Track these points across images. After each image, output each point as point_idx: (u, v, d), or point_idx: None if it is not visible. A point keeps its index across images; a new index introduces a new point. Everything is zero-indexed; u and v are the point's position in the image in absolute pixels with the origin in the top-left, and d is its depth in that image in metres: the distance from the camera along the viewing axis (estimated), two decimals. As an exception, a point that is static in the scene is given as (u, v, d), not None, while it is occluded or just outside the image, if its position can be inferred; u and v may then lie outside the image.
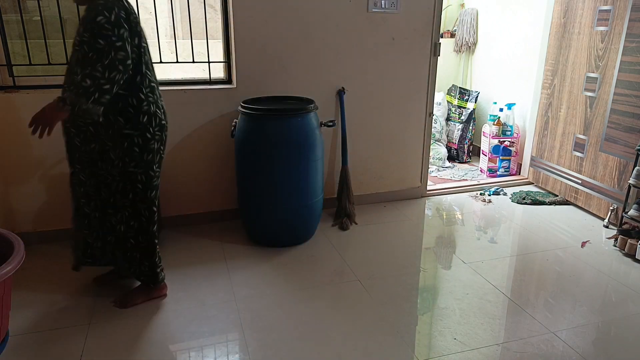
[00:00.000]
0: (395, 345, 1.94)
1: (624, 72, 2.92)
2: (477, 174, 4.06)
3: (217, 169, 2.97)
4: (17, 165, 2.61)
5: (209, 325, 2.05)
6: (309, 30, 2.91)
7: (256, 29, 2.81)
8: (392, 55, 3.14)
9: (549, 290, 2.37)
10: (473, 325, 2.07)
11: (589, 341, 1.98)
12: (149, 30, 3.27)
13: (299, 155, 2.60)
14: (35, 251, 2.65)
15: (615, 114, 3.00)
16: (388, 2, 3.01)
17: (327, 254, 2.68)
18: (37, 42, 2.60)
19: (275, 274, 2.46)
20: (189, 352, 1.90)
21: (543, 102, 3.65)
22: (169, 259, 2.60)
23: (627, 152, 2.93)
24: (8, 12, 2.53)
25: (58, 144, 2.44)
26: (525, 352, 1.90)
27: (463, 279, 2.44)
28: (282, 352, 1.89)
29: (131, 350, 1.89)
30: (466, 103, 4.39)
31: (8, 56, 2.54)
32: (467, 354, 1.89)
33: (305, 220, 2.77)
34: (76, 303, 2.19)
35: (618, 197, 3.00)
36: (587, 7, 3.17)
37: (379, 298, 2.26)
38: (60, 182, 2.68)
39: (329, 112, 3.09)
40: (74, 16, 2.60)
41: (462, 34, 4.53)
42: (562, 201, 3.47)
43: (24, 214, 2.69)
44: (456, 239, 2.91)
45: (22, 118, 2.55)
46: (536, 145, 3.75)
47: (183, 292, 2.29)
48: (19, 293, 2.28)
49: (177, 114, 2.80)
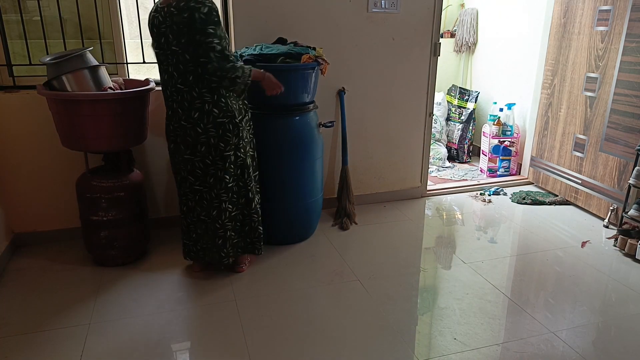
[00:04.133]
0: (395, 345, 1.94)
1: (624, 72, 2.92)
2: (477, 174, 4.06)
3: (217, 169, 2.97)
4: (17, 165, 2.61)
5: (208, 325, 2.05)
6: (309, 31, 2.91)
7: (256, 28, 2.81)
8: (392, 55, 3.14)
9: (549, 290, 2.37)
10: (473, 325, 2.07)
11: (589, 341, 1.98)
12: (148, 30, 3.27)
13: (299, 154, 2.60)
14: (35, 251, 2.66)
15: (615, 114, 3.00)
16: (388, 2, 3.01)
17: (327, 253, 2.68)
18: (37, 42, 2.60)
19: (275, 273, 2.46)
20: (189, 352, 1.90)
21: (543, 102, 3.65)
22: (169, 258, 2.60)
23: (627, 152, 2.93)
24: (8, 12, 2.53)
25: (58, 144, 2.45)
26: (525, 352, 1.90)
27: (463, 279, 2.44)
28: (282, 352, 1.89)
29: (131, 350, 1.90)
30: (466, 103, 4.39)
31: (8, 56, 2.54)
32: (467, 354, 1.89)
33: (305, 219, 2.77)
34: (76, 303, 2.19)
35: (618, 197, 3.00)
36: (587, 7, 3.17)
37: (379, 298, 2.26)
38: (60, 182, 2.68)
39: (329, 112, 3.09)
40: (74, 16, 2.60)
41: (462, 34, 4.53)
42: (562, 201, 3.47)
43: (24, 214, 2.69)
44: (456, 239, 2.91)
45: (22, 118, 2.55)
46: (536, 145, 3.75)
47: (183, 292, 2.29)
48: (18, 293, 2.28)
49: (177, 114, 2.80)
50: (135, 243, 2.53)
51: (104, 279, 2.40)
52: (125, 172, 2.47)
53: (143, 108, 2.42)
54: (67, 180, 2.66)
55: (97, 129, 2.26)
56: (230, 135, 2.16)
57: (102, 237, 2.42)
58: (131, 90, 2.32)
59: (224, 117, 2.13)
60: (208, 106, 2.11)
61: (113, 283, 2.36)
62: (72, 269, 2.48)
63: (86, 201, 2.40)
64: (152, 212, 2.81)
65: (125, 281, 2.37)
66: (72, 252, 2.64)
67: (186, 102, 2.12)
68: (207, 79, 2.06)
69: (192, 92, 2.10)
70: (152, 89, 2.43)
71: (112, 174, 2.44)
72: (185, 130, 2.16)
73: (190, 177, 2.26)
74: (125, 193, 2.42)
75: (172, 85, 2.14)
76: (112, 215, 2.40)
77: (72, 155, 2.62)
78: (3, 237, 2.56)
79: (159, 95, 2.71)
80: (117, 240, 2.44)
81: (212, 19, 2.00)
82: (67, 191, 2.67)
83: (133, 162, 2.55)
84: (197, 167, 2.22)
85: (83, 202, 2.42)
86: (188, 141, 2.18)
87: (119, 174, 2.44)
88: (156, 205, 2.90)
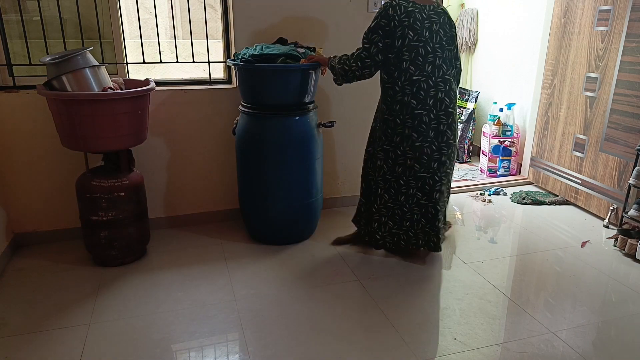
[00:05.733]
0: (395, 345, 1.94)
1: (624, 72, 2.92)
2: (477, 174, 4.06)
3: (217, 168, 2.98)
4: (17, 165, 2.61)
5: (209, 325, 2.05)
6: (309, 30, 2.91)
7: (256, 29, 2.81)
8: (392, 55, 3.13)
9: (549, 290, 2.37)
10: (473, 325, 2.07)
11: (589, 341, 1.98)
12: (148, 30, 3.28)
13: (299, 154, 2.60)
14: (35, 251, 2.66)
15: (615, 114, 3.00)
16: (388, 2, 3.00)
17: (327, 253, 2.68)
18: (37, 42, 2.60)
19: (276, 273, 2.46)
20: (189, 352, 1.90)
21: (543, 102, 3.65)
22: (169, 258, 2.60)
23: (627, 152, 2.93)
24: (8, 12, 2.53)
25: (58, 144, 2.45)
26: (525, 352, 1.90)
27: (463, 279, 2.44)
28: (282, 352, 1.89)
29: (131, 350, 1.90)
30: (466, 103, 4.39)
31: (8, 56, 2.54)
32: (467, 354, 1.89)
33: (305, 219, 2.78)
34: (76, 303, 2.19)
35: (618, 197, 3.00)
36: (587, 7, 3.17)
37: (379, 298, 2.26)
38: (60, 182, 2.68)
39: (329, 112, 3.09)
40: (74, 16, 2.60)
41: (462, 34, 4.53)
42: (562, 201, 3.47)
43: (24, 214, 2.69)
44: (456, 239, 2.91)
45: (22, 118, 2.55)
46: (536, 145, 3.75)
47: (183, 292, 2.29)
48: (18, 293, 2.28)
49: (177, 114, 2.80)
50: (135, 243, 2.53)
51: (104, 279, 2.40)
52: (125, 172, 2.47)
53: (143, 108, 2.42)
54: (67, 180, 2.66)
55: (97, 129, 2.26)
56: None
57: (102, 237, 2.42)
58: (131, 90, 2.32)
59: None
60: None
61: (113, 283, 2.36)
62: (72, 269, 2.49)
63: (86, 201, 2.40)
64: (152, 212, 2.81)
65: (125, 281, 2.37)
66: (72, 252, 2.65)
67: (453, 92, 2.41)
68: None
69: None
70: (152, 89, 2.43)
71: (112, 174, 2.44)
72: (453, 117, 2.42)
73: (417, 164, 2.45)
74: (125, 193, 2.42)
75: (439, 76, 2.35)
76: (112, 215, 2.40)
77: (72, 155, 2.62)
78: (3, 237, 2.56)
79: (159, 95, 2.73)
80: (117, 240, 2.44)
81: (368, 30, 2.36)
82: (67, 191, 2.67)
83: (133, 162, 2.55)
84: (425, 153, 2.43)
85: (83, 202, 2.42)
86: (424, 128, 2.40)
87: (119, 174, 2.44)
88: (156, 205, 2.90)
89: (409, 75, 2.32)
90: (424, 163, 2.42)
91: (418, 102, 2.34)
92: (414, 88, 2.33)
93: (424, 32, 2.29)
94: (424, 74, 2.32)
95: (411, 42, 2.29)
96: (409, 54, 2.30)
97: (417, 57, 2.30)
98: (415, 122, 2.37)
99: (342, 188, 3.31)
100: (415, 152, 2.40)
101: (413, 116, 2.36)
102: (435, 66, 2.33)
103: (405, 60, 2.31)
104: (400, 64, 2.32)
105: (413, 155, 2.41)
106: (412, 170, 2.44)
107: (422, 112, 2.35)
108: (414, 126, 2.37)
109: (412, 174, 2.45)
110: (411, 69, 2.31)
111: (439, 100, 2.35)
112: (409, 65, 2.31)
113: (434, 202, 2.48)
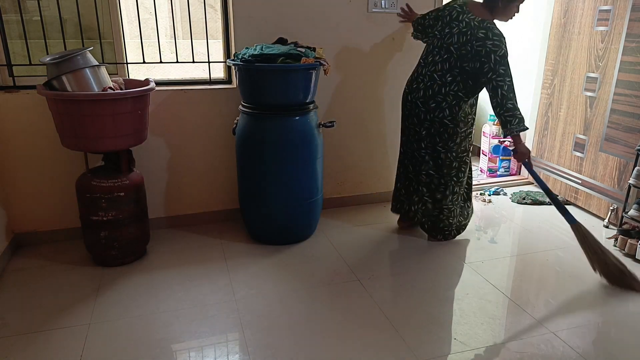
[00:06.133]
0: (395, 345, 1.94)
1: (624, 72, 2.92)
2: (477, 174, 4.06)
3: (217, 168, 2.98)
4: (17, 165, 2.61)
5: (209, 325, 2.05)
6: (309, 30, 2.91)
7: (256, 28, 2.81)
8: (392, 55, 3.14)
9: (549, 290, 2.37)
10: (473, 325, 2.07)
11: (589, 341, 1.98)
12: (148, 30, 3.28)
13: (299, 154, 2.61)
14: (35, 251, 2.66)
15: (615, 114, 3.00)
16: (388, 2, 3.01)
17: (327, 253, 2.68)
18: (37, 42, 2.60)
19: (276, 273, 2.46)
20: (189, 352, 1.90)
21: (543, 102, 3.65)
22: (169, 258, 2.60)
23: (627, 152, 2.93)
24: (8, 12, 2.53)
25: (58, 144, 2.45)
26: (525, 352, 1.90)
27: (463, 279, 2.44)
28: (282, 352, 1.89)
29: (131, 350, 1.90)
30: (466, 103, 4.38)
31: (8, 56, 2.54)
32: (467, 354, 1.89)
33: (305, 219, 2.78)
34: (76, 303, 2.19)
35: (618, 197, 3.00)
36: (587, 7, 3.17)
37: (379, 298, 2.26)
38: (60, 182, 2.68)
39: (329, 112, 3.09)
40: (74, 16, 2.60)
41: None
42: (562, 201, 3.46)
43: (24, 214, 2.69)
44: (456, 239, 2.91)
45: (22, 118, 2.55)
46: (536, 145, 3.75)
47: (183, 292, 2.29)
48: (18, 293, 2.28)
49: (177, 114, 2.80)
50: (135, 243, 2.53)
51: (104, 279, 2.40)
52: (125, 172, 2.47)
53: (143, 108, 2.42)
54: (67, 180, 2.66)
55: (97, 129, 2.26)
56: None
57: (102, 237, 2.42)
58: (131, 90, 2.32)
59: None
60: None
61: (113, 283, 2.36)
62: (72, 269, 2.49)
63: (86, 201, 2.40)
64: (152, 212, 2.81)
65: (125, 281, 2.37)
66: (72, 252, 2.65)
67: (430, 90, 2.54)
68: (475, 97, 2.60)
69: (441, 89, 2.53)
70: (152, 89, 2.43)
71: (112, 174, 2.44)
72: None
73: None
74: (125, 193, 2.42)
75: (427, 69, 2.56)
76: (112, 215, 2.40)
77: (72, 155, 2.62)
78: (3, 237, 2.56)
79: (159, 95, 2.73)
80: (117, 240, 2.44)
81: (506, 61, 2.38)
82: (67, 191, 2.67)
83: (133, 162, 2.55)
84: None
85: (83, 202, 2.42)
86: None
87: (119, 174, 2.44)
88: (156, 205, 2.90)
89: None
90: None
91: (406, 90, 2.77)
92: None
93: (444, 30, 2.61)
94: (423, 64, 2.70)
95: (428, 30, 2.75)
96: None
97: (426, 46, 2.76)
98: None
99: (342, 188, 3.31)
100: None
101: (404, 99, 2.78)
102: (429, 62, 2.64)
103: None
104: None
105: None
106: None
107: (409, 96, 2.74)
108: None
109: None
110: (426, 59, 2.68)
111: (414, 90, 2.66)
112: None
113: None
